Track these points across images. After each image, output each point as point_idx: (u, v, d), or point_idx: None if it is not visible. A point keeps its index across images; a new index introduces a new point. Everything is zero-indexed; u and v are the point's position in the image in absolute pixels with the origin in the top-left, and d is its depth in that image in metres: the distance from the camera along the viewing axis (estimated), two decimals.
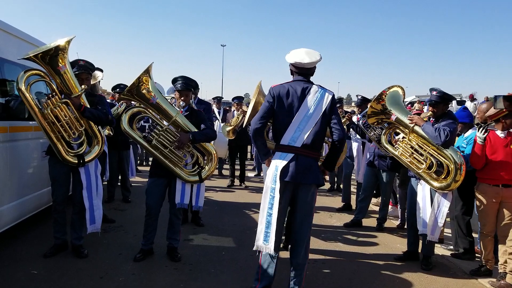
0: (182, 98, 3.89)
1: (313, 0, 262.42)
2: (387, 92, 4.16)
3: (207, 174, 3.91)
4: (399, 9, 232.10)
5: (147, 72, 3.59)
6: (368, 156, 5.59)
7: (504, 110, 3.61)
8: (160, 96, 3.68)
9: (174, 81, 4.03)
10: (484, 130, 3.73)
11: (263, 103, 3.16)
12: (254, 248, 3.07)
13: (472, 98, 15.59)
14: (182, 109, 3.84)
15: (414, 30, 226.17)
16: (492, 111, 3.82)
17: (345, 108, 7.90)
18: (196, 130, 3.76)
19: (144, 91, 3.61)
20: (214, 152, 3.93)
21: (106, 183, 5.71)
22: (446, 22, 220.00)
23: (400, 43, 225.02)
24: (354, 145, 6.20)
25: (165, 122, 3.77)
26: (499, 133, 3.77)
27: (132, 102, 4.76)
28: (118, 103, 5.63)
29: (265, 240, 2.98)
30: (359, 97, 6.12)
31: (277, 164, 3.00)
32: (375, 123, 4.37)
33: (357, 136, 5.98)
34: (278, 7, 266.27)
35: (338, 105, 7.12)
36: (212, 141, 4.03)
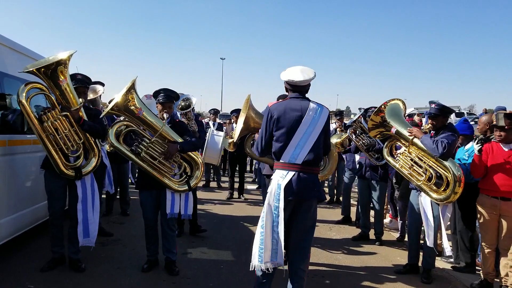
0: (165, 110, 3.94)
1: (312, 13, 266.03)
2: (388, 104, 4.18)
3: (195, 182, 3.96)
4: (398, 21, 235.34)
5: (132, 87, 3.61)
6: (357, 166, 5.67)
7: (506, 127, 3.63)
8: (145, 109, 3.70)
9: (157, 94, 4.07)
10: (479, 142, 3.75)
11: (262, 123, 3.14)
12: (263, 268, 2.90)
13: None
14: (166, 121, 3.88)
15: (413, 42, 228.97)
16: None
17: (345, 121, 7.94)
18: (182, 140, 3.80)
19: (132, 108, 3.61)
20: (200, 160, 3.98)
21: (104, 196, 5.69)
22: (444, 34, 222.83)
23: (398, 55, 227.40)
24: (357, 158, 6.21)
25: (148, 133, 3.77)
26: (503, 146, 3.76)
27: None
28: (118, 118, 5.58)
29: (274, 258, 2.91)
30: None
31: (279, 182, 2.96)
32: (377, 136, 4.38)
33: None
34: (277, 20, 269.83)
35: (338, 118, 7.26)
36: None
